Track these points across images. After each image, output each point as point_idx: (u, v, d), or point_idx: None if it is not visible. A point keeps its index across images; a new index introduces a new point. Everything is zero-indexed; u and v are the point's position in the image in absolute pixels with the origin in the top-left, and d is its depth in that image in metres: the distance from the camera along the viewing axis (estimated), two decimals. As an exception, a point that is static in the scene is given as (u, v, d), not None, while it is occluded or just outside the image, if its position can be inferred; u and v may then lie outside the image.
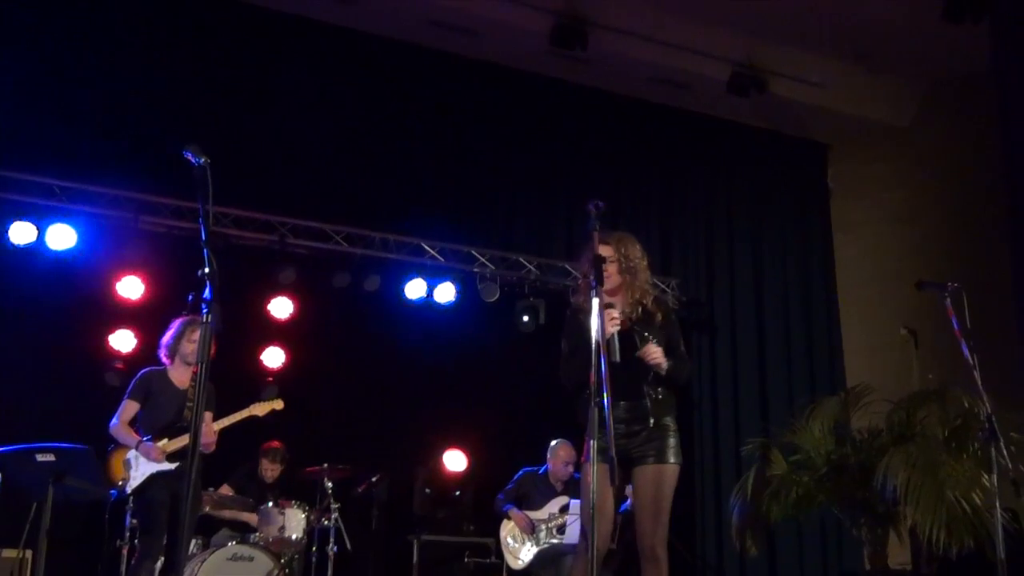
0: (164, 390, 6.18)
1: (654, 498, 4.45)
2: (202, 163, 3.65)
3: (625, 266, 4.61)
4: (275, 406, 6.62)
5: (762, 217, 10.97)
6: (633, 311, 4.59)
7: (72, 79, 8.21)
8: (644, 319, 4.59)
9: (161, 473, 6.00)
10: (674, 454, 4.52)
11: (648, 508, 4.46)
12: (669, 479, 4.49)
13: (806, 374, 10.57)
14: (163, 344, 6.27)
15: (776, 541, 9.57)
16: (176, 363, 6.23)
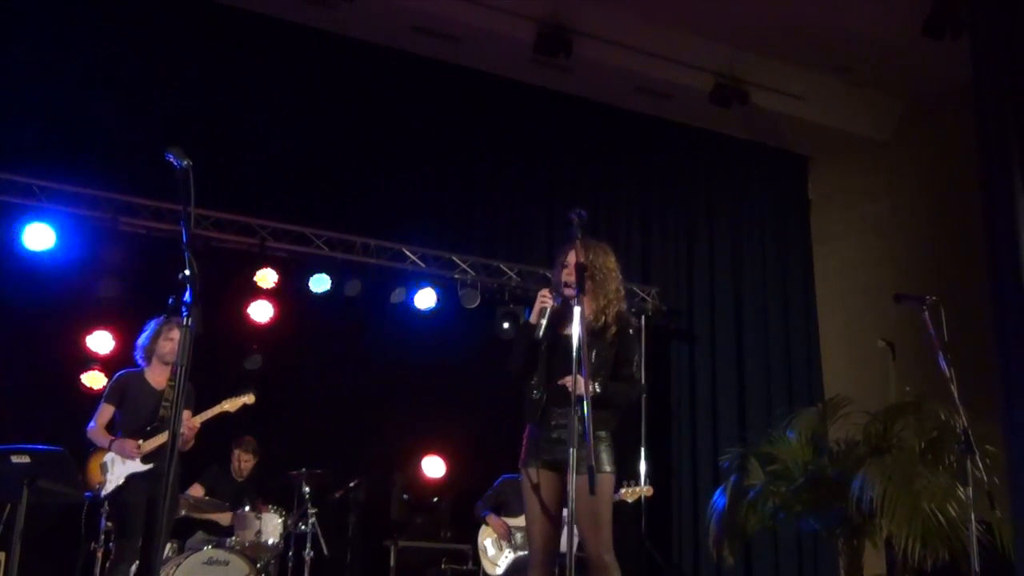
0: (141, 392, 6.15)
1: (591, 509, 4.43)
2: (184, 165, 3.63)
3: (594, 270, 4.64)
4: (247, 400, 6.55)
5: (742, 227, 11.02)
6: (596, 320, 4.62)
7: (53, 78, 8.16)
8: (599, 331, 4.61)
9: (137, 475, 5.96)
10: (608, 463, 4.54)
11: (587, 517, 4.45)
12: (604, 487, 4.48)
13: (784, 384, 10.62)
14: (138, 346, 6.25)
15: (752, 551, 9.60)
16: (153, 364, 6.20)
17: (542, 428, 4.57)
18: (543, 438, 4.56)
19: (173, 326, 6.11)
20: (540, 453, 4.56)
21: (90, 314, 7.97)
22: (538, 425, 4.59)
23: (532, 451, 4.59)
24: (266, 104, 8.92)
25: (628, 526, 9.18)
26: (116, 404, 6.12)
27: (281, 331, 8.70)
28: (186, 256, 3.56)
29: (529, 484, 4.58)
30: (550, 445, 4.53)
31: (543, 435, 4.56)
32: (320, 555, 7.28)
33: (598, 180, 10.29)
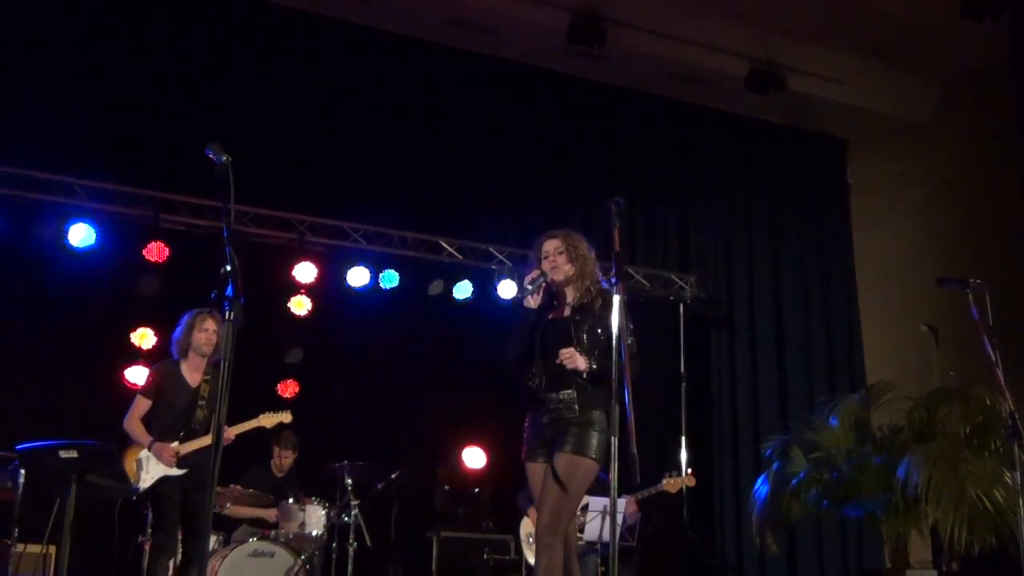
0: (176, 386, 6.13)
1: (557, 486, 4.43)
2: (224, 161, 3.66)
3: (574, 255, 4.76)
4: (283, 419, 6.57)
5: (781, 214, 10.93)
6: (582, 300, 4.72)
7: (91, 78, 8.26)
8: (585, 308, 4.70)
9: (170, 478, 5.95)
10: (594, 450, 4.49)
11: (550, 493, 4.45)
12: (582, 472, 4.48)
13: (826, 372, 10.54)
14: (173, 340, 6.21)
15: (796, 539, 9.54)
16: (189, 357, 6.16)
17: (540, 414, 4.62)
18: (540, 424, 4.62)
19: (206, 317, 6.11)
20: (541, 445, 4.61)
21: (132, 310, 8.06)
22: (537, 412, 4.65)
23: (533, 444, 4.65)
24: (303, 99, 8.97)
25: (670, 516, 9.16)
26: (152, 398, 6.11)
27: (320, 324, 8.76)
28: (227, 251, 3.58)
29: (530, 479, 4.67)
30: (544, 430, 4.60)
31: (540, 421, 4.62)
32: (363, 546, 7.33)
33: (634, 169, 10.25)
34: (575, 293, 4.75)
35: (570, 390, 4.57)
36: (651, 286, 9.96)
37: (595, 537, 7.16)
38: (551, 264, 4.73)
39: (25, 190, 7.84)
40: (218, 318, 6.07)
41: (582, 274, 4.75)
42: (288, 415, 6.60)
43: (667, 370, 9.79)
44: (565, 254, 4.75)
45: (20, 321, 7.70)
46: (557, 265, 4.72)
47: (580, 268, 4.76)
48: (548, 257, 4.76)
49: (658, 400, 9.50)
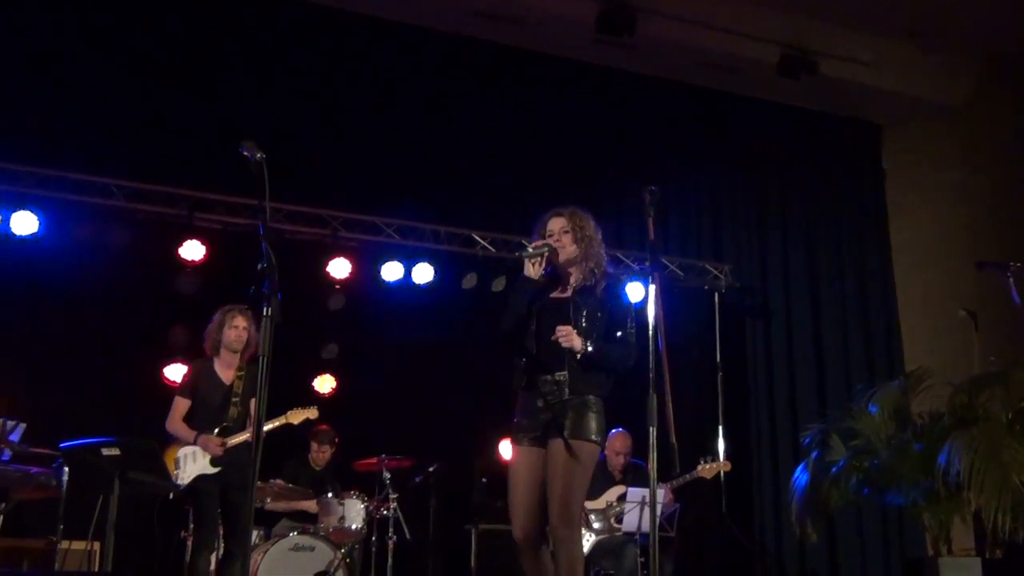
0: (209, 384, 6.20)
1: (562, 474, 4.27)
2: (258, 158, 3.68)
3: (580, 236, 4.61)
4: (310, 415, 6.60)
5: (815, 200, 10.85)
6: (585, 282, 4.57)
7: (126, 78, 8.34)
8: (587, 290, 4.55)
9: (206, 476, 6.03)
10: (592, 432, 4.37)
11: (555, 484, 4.28)
12: (583, 455, 4.33)
13: (864, 359, 10.45)
14: (206, 335, 6.28)
15: (836, 528, 9.48)
16: (221, 354, 6.22)
17: (531, 396, 4.45)
18: (532, 406, 4.44)
19: (236, 314, 6.17)
20: (528, 427, 4.43)
21: (170, 309, 8.14)
22: (528, 393, 4.47)
23: (524, 426, 4.45)
24: (333, 95, 9.00)
25: (708, 505, 9.14)
26: (190, 397, 6.19)
27: (355, 319, 8.81)
28: (263, 248, 3.61)
29: (516, 465, 4.44)
30: (538, 414, 4.42)
31: (532, 403, 4.44)
32: (403, 539, 7.37)
33: (667, 158, 10.20)
34: (578, 275, 4.59)
35: (563, 372, 4.39)
36: (685, 276, 9.92)
37: (633, 527, 7.15)
38: (556, 243, 4.58)
39: (63, 191, 7.94)
40: (248, 315, 6.13)
41: (587, 255, 4.59)
42: (315, 411, 6.64)
43: (703, 360, 9.77)
44: (571, 233, 4.60)
45: (61, 321, 7.80)
46: (563, 244, 4.57)
47: (585, 249, 4.60)
48: (552, 235, 4.60)
49: (694, 390, 9.47)
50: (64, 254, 7.88)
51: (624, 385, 5.74)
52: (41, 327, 7.76)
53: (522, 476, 4.40)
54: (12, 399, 6.77)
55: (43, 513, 6.06)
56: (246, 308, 6.14)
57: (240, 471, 5.95)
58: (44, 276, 7.78)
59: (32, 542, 6.65)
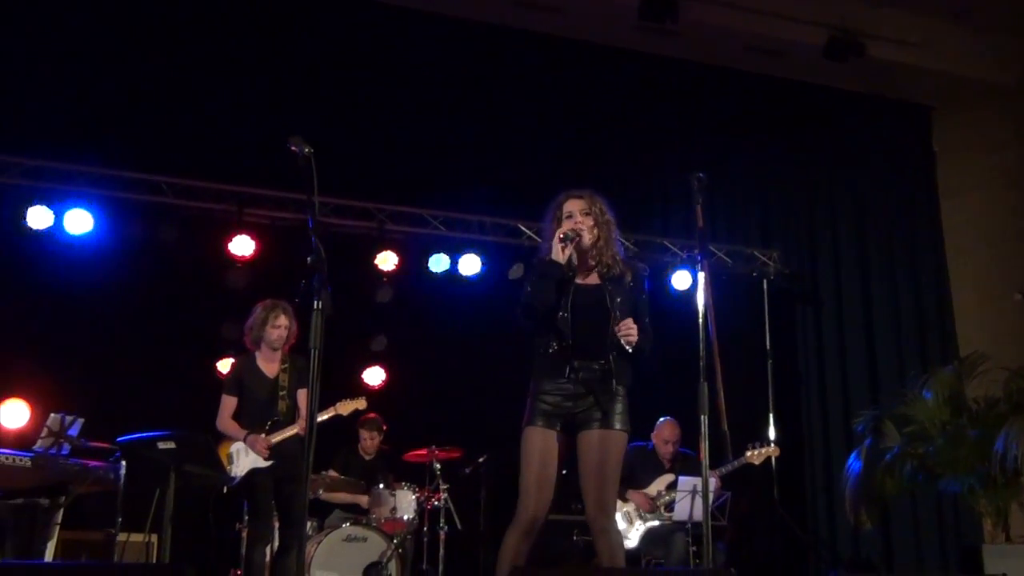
0: (254, 378, 6.23)
1: (599, 465, 4.27)
2: (306, 153, 3.71)
3: (601, 220, 4.51)
4: (358, 405, 6.64)
5: (865, 184, 10.69)
6: (612, 270, 4.47)
7: (171, 76, 8.44)
8: (616, 278, 4.46)
9: (259, 470, 6.08)
10: (620, 421, 4.34)
11: (591, 475, 4.28)
12: (615, 446, 4.32)
13: (917, 344, 10.29)
14: (247, 330, 6.29)
15: (890, 515, 9.37)
16: (263, 349, 6.24)
17: (563, 382, 4.34)
18: (565, 392, 4.35)
19: (280, 313, 6.17)
20: (555, 413, 4.35)
21: (221, 304, 8.24)
22: (555, 379, 4.37)
23: (549, 411, 4.36)
24: (376, 88, 9.03)
25: (760, 493, 9.08)
26: (236, 394, 6.23)
27: (403, 311, 8.86)
28: (313, 242, 3.64)
29: (543, 447, 4.35)
30: (571, 400, 4.34)
31: (564, 389, 4.35)
32: (454, 529, 7.41)
33: (713, 144, 10.11)
34: (601, 260, 4.47)
35: (603, 361, 4.33)
36: (733, 263, 9.85)
37: (684, 517, 7.11)
38: (578, 223, 4.45)
39: (114, 189, 8.06)
40: (290, 311, 6.15)
41: (607, 240, 4.50)
42: (363, 401, 6.68)
43: (752, 347, 9.70)
44: (591, 216, 4.50)
45: (114, 318, 7.94)
46: (583, 227, 4.44)
47: (606, 234, 4.50)
48: (572, 217, 4.47)
49: (744, 378, 9.41)
50: (116, 251, 8.02)
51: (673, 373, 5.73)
52: (96, 324, 7.90)
53: (541, 458, 4.35)
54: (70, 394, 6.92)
55: (101, 506, 6.16)
56: (287, 305, 6.16)
57: (292, 463, 6.00)
58: (97, 273, 7.92)
59: (91, 535, 6.78)
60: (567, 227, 4.42)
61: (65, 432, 5.43)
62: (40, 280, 7.73)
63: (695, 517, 6.96)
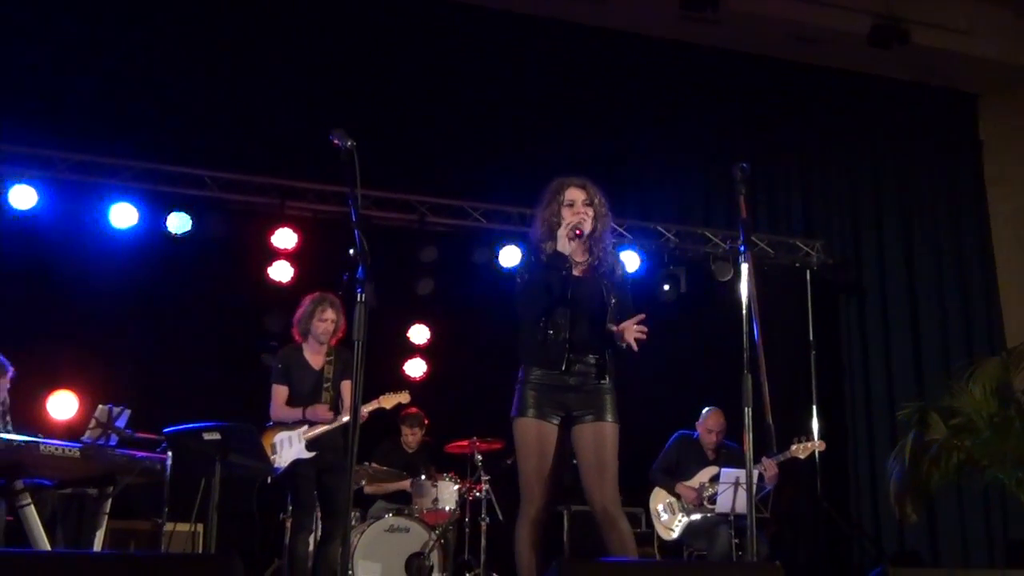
0: (301, 368, 6.28)
1: (596, 457, 4.28)
2: (349, 146, 3.73)
3: (600, 211, 4.47)
4: (402, 399, 6.68)
5: (909, 174, 10.56)
6: (604, 261, 4.45)
7: (215, 73, 8.52)
8: (609, 271, 4.45)
9: (302, 461, 6.13)
10: (611, 413, 4.36)
11: (592, 469, 4.29)
12: (610, 437, 4.33)
13: (962, 335, 10.16)
14: (295, 322, 6.34)
15: (936, 508, 9.27)
16: (309, 341, 6.29)
17: (558, 375, 4.31)
18: (560, 385, 4.33)
19: (326, 307, 6.21)
20: (551, 405, 4.33)
21: (265, 296, 8.32)
22: (551, 371, 4.32)
23: (544, 403, 4.33)
24: (415, 81, 9.05)
25: (804, 485, 9.01)
26: (286, 383, 6.28)
27: (444, 303, 8.89)
28: (356, 235, 3.66)
29: (540, 438, 4.32)
30: (565, 393, 4.33)
31: (559, 382, 4.32)
32: (496, 520, 7.43)
33: (755, 134, 10.04)
34: (595, 252, 4.44)
35: (598, 356, 4.35)
36: (775, 253, 9.77)
37: (727, 509, 7.08)
38: (578, 214, 4.38)
39: (159, 183, 8.15)
40: (337, 305, 6.20)
41: (603, 233, 4.46)
42: (406, 395, 6.71)
43: (795, 338, 9.62)
44: (592, 208, 4.44)
45: (160, 310, 8.03)
46: (586, 218, 4.38)
47: (603, 226, 4.46)
48: (574, 206, 4.41)
49: (788, 369, 9.34)
50: (160, 245, 8.10)
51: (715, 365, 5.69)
52: (142, 316, 8.00)
53: (538, 448, 4.32)
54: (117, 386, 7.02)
55: (148, 496, 6.25)
56: (335, 298, 6.21)
57: (334, 454, 6.07)
58: (142, 267, 8.01)
59: (139, 524, 6.88)
60: (571, 217, 4.38)
61: (113, 423, 5.51)
62: (87, 273, 7.83)
63: (737, 509, 6.93)
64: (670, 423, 7.96)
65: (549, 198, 4.50)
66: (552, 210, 4.46)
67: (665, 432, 7.90)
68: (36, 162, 7.88)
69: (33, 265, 7.75)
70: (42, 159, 7.91)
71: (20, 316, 7.58)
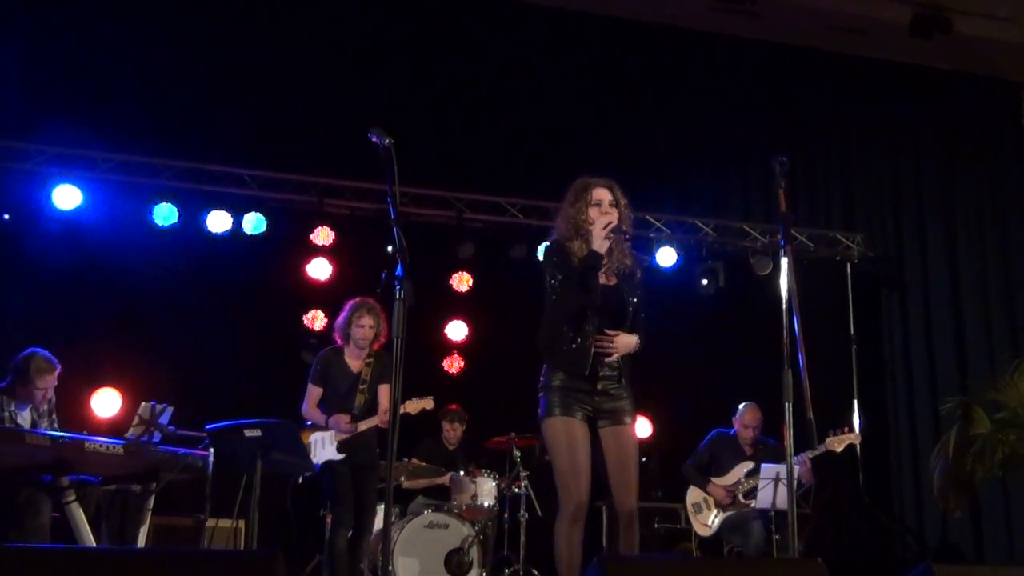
0: (339, 372, 6.38)
1: (621, 461, 4.34)
2: (387, 144, 3.75)
3: (625, 214, 4.47)
4: (426, 405, 6.70)
5: (952, 165, 10.41)
6: (628, 267, 4.46)
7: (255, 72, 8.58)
8: (629, 275, 4.46)
9: (333, 462, 6.21)
10: (631, 415, 4.42)
11: (617, 472, 4.35)
12: (630, 439, 4.39)
13: (1008, 329, 9.99)
14: (336, 327, 6.45)
15: (981, 503, 9.15)
16: (351, 346, 6.39)
17: (586, 378, 4.33)
18: (589, 388, 4.35)
19: (364, 313, 6.30)
20: (582, 405, 4.34)
21: (304, 294, 8.38)
22: (577, 374, 4.32)
23: (571, 402, 4.33)
24: (451, 76, 9.06)
25: (846, 481, 8.92)
26: (321, 385, 6.38)
27: (481, 299, 8.90)
28: (395, 232, 3.67)
29: (572, 435, 4.31)
30: (595, 397, 4.35)
31: (588, 384, 4.34)
32: (534, 516, 7.43)
33: (794, 126, 9.95)
34: (617, 256, 4.45)
35: (617, 361, 4.39)
36: (816, 246, 9.68)
37: (768, 504, 7.02)
38: (606, 214, 4.39)
39: (200, 182, 8.24)
40: (375, 311, 6.26)
41: (625, 235, 4.47)
42: (430, 401, 6.72)
43: (836, 332, 9.54)
44: (617, 208, 4.44)
45: (202, 308, 8.11)
46: (614, 220, 4.38)
47: (626, 227, 4.46)
48: (601, 206, 4.42)
49: (829, 364, 9.24)
50: (201, 242, 8.19)
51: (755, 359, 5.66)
52: (184, 314, 8.08)
53: (569, 445, 4.33)
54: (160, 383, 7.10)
55: (191, 492, 6.32)
56: (375, 304, 6.27)
57: (369, 453, 6.19)
58: (184, 266, 8.10)
59: (181, 520, 6.95)
60: (601, 217, 4.38)
61: (156, 420, 5.56)
62: (128, 272, 7.93)
63: (778, 505, 6.87)
64: (709, 419, 7.93)
65: (574, 197, 4.51)
66: (579, 208, 4.47)
67: (703, 428, 7.86)
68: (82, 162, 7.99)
69: (77, 265, 7.86)
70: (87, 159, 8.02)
71: (63, 315, 7.71)
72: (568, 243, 4.46)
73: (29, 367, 5.77)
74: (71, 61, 8.16)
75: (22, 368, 5.79)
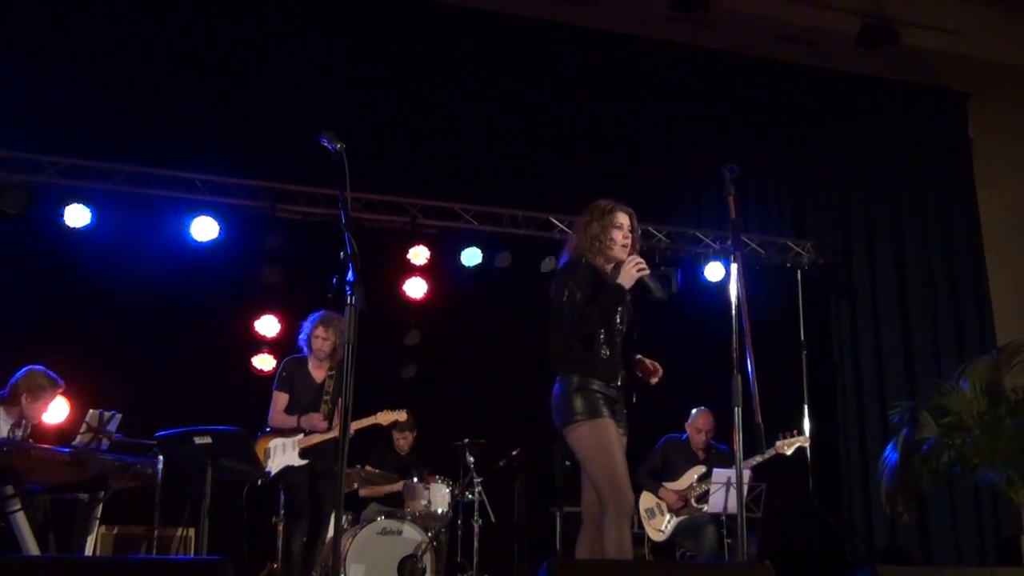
0: (303, 381, 6.43)
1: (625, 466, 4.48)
2: (338, 149, 3.73)
3: (636, 238, 4.67)
4: (399, 417, 6.80)
5: (900, 173, 10.59)
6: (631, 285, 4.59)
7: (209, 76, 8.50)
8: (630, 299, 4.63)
9: (293, 468, 6.25)
10: (625, 426, 4.59)
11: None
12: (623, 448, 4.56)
13: (953, 335, 10.19)
14: (299, 337, 6.50)
15: (928, 507, 9.29)
16: (312, 357, 6.45)
17: (611, 387, 4.50)
18: (616, 397, 4.52)
19: (319, 325, 6.36)
20: (614, 412, 4.50)
21: (256, 300, 8.30)
22: (605, 380, 4.48)
23: (608, 408, 4.46)
24: (407, 82, 9.05)
25: (796, 485, 9.02)
26: (287, 391, 6.42)
27: (436, 306, 8.88)
28: (346, 237, 3.66)
29: (617, 437, 4.45)
30: (617, 405, 4.53)
31: (616, 394, 4.52)
32: (488, 523, 7.43)
33: (745, 134, 10.06)
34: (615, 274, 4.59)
35: (625, 373, 4.58)
36: (766, 253, 9.79)
37: (719, 509, 7.09)
38: (628, 240, 4.61)
39: (148, 187, 8.13)
40: (336, 323, 6.26)
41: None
42: (403, 413, 6.83)
43: (787, 338, 9.63)
44: (632, 234, 4.65)
45: (151, 315, 8.01)
46: (627, 244, 4.60)
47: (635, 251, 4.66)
48: (622, 229, 4.62)
49: (779, 369, 9.35)
50: (151, 249, 8.07)
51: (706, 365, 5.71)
52: (133, 321, 7.97)
53: (622, 447, 4.48)
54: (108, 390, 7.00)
55: (140, 501, 6.24)
56: (335, 317, 6.27)
57: (327, 460, 6.16)
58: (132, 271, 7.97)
59: (130, 529, 6.86)
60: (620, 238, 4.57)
61: (104, 428, 5.49)
62: (78, 279, 7.81)
63: (729, 509, 6.94)
64: (661, 424, 7.96)
65: (597, 215, 4.64)
66: (603, 226, 4.61)
67: (655, 433, 7.90)
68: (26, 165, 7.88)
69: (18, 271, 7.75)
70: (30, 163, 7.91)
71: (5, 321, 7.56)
72: (586, 259, 4.61)
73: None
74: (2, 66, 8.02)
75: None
